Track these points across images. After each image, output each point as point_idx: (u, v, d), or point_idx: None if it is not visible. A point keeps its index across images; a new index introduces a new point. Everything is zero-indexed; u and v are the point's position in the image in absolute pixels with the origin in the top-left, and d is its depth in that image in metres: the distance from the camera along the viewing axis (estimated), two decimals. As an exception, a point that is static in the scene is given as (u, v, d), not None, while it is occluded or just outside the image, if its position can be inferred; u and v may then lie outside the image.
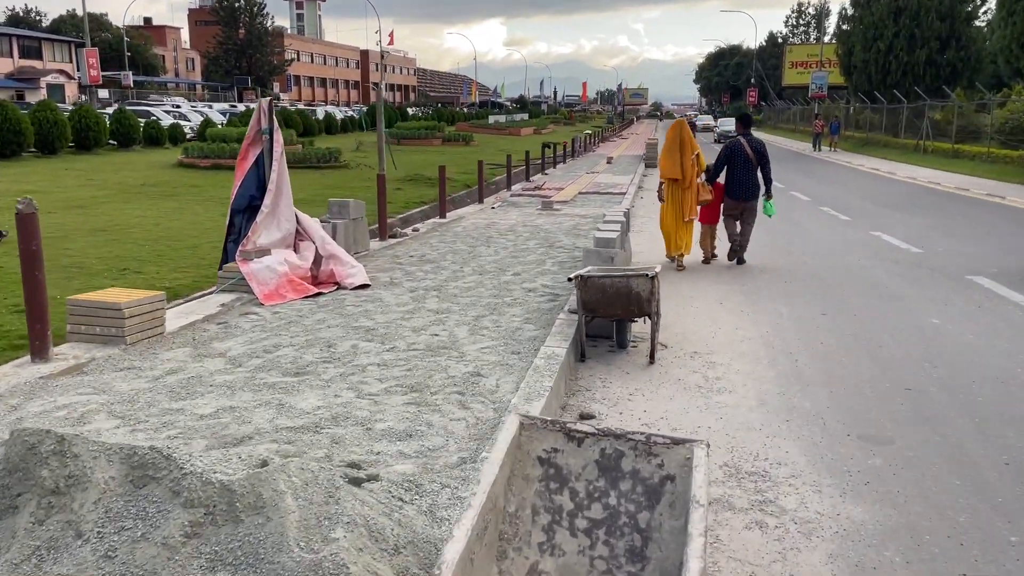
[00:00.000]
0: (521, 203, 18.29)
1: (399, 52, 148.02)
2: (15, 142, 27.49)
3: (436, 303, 7.72)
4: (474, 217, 15.67)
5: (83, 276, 9.10)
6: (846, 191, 21.98)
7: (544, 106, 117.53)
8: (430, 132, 45.22)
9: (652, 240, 12.67)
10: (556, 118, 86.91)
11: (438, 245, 11.71)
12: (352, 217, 10.22)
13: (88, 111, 32.12)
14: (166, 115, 42.81)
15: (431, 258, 10.48)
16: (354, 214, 10.29)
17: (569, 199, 18.62)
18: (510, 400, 4.76)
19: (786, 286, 9.35)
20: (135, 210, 15.77)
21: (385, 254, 10.72)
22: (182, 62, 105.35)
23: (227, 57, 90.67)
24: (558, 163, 32.15)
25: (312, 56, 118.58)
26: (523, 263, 10.20)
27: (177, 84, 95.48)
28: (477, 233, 13.23)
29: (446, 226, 14.13)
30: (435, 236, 12.75)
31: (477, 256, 10.73)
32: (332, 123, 52.39)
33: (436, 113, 75.01)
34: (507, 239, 12.50)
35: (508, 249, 11.44)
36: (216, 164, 26.79)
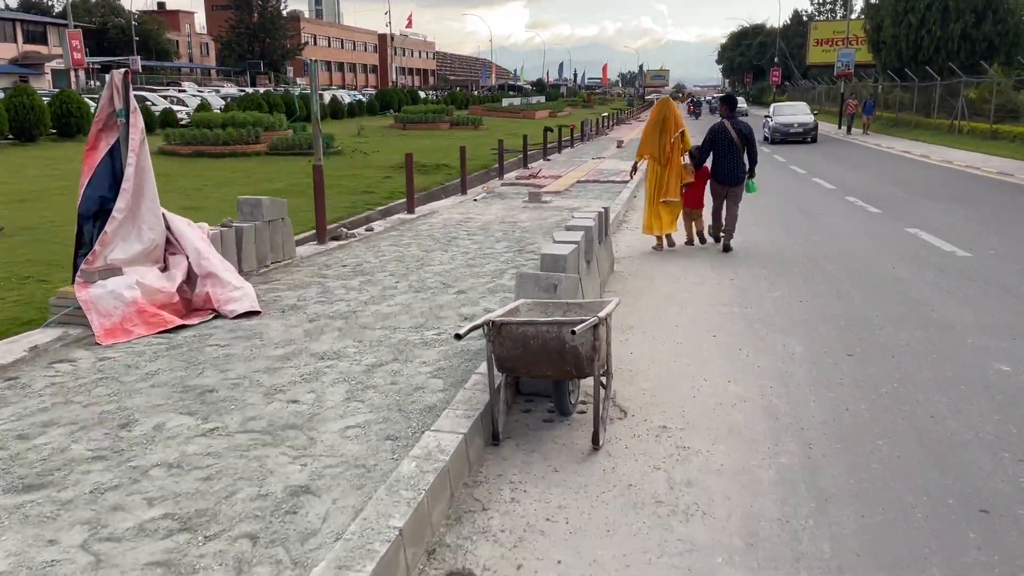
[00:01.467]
0: (510, 194, 16.33)
1: (418, 35, 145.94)
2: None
3: (331, 341, 5.82)
4: (449, 211, 13.75)
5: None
6: (875, 178, 19.76)
7: (563, 89, 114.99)
8: (438, 116, 43.29)
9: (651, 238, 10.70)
10: (574, 101, 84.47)
11: (387, 250, 9.81)
12: (267, 219, 8.34)
13: (70, 96, 30.51)
14: (163, 100, 41.23)
15: (367, 269, 8.58)
16: (271, 214, 8.40)
17: (563, 189, 16.61)
18: (322, 557, 2.85)
19: (801, 309, 7.34)
20: None
21: (313, 263, 8.84)
22: (196, 47, 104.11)
23: (240, 42, 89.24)
24: (565, 148, 30.09)
25: (329, 40, 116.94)
26: (477, 275, 8.28)
27: (191, 69, 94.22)
28: (442, 233, 11.31)
29: (410, 224, 12.22)
30: (389, 237, 10.85)
31: (426, 265, 8.82)
32: (338, 107, 50.61)
33: (450, 96, 73.07)
34: (474, 240, 10.58)
35: (469, 254, 9.52)
36: (198, 151, 25.10)
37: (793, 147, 31.07)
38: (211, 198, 16.12)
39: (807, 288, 8.06)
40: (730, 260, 9.57)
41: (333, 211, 14.61)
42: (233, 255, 7.69)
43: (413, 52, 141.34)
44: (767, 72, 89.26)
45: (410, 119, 42.85)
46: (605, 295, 7.78)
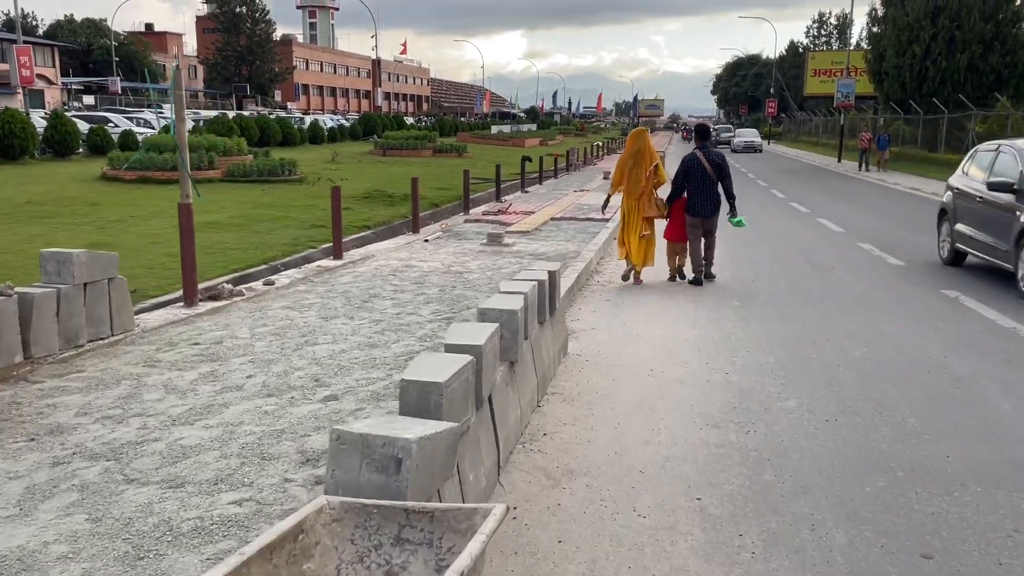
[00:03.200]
0: (470, 233, 14.02)
1: (412, 61, 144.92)
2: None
3: (49, 516, 3.45)
4: (388, 256, 11.41)
5: None
6: (886, 219, 17.52)
7: (557, 117, 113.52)
8: (420, 143, 41.22)
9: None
10: (567, 129, 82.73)
11: (274, 316, 7.45)
12: (81, 281, 5.98)
13: (13, 115, 28.27)
14: (127, 121, 39.07)
15: (223, 351, 6.20)
16: (88, 275, 6.04)
17: (531, 229, 14.31)
18: None
19: (831, 439, 4.97)
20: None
21: (156, 340, 6.46)
22: (184, 70, 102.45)
23: (227, 64, 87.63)
24: (548, 178, 27.90)
25: (322, 65, 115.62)
26: (373, 362, 5.92)
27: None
28: (364, 288, 8.96)
29: (329, 274, 9.87)
30: (290, 295, 8.49)
31: (312, 343, 6.47)
32: (318, 132, 48.58)
33: (438, 122, 71.18)
34: (398, 300, 8.24)
35: (380, 324, 7.16)
36: (144, 177, 22.82)
37: (790, 181, 28.90)
38: (130, 232, 13.76)
39: (834, 397, 5.68)
40: (727, 341, 7.23)
41: (270, 249, 12.33)
42: (10, 336, 5.32)
43: (407, 78, 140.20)
44: (763, 103, 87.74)
45: (391, 145, 40.79)
46: (543, 406, 5.43)
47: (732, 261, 11.72)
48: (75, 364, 5.69)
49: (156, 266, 10.67)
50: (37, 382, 5.27)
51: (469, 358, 3.55)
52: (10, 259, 10.56)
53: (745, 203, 20.71)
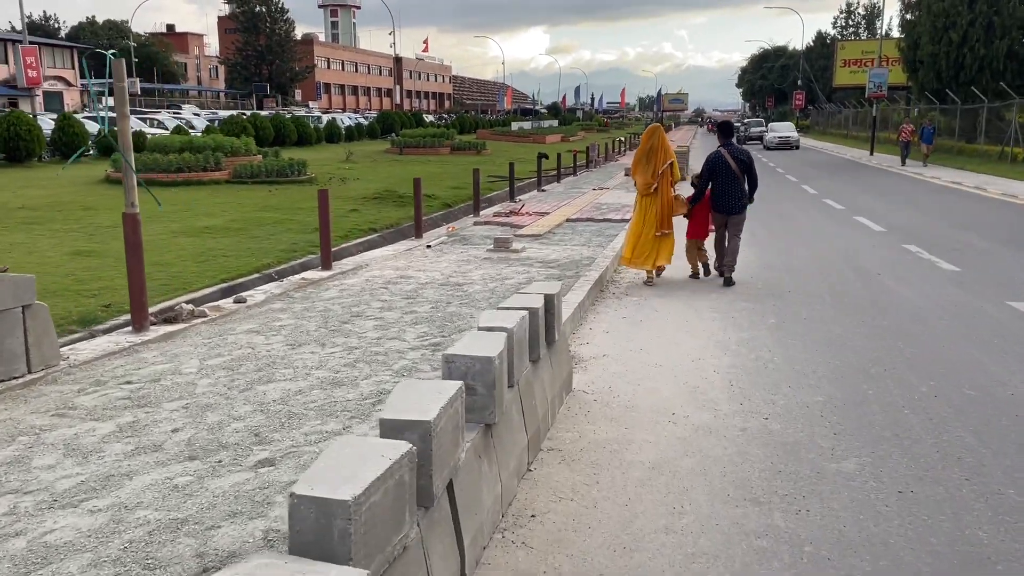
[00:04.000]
0: (478, 237, 12.94)
1: (434, 59, 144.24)
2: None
3: None
4: (384, 264, 10.35)
5: None
6: (930, 217, 16.18)
7: (580, 113, 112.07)
8: (437, 140, 40.23)
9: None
10: (590, 125, 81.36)
11: (234, 343, 6.41)
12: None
13: (19, 117, 27.62)
14: (139, 123, 38.46)
15: (158, 392, 5.16)
16: (1, 302, 5.04)
17: (544, 232, 13.20)
18: None
19: (876, 508, 3.84)
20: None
21: (83, 378, 5.44)
22: (205, 70, 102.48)
23: (247, 64, 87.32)
24: (567, 176, 26.75)
25: (343, 64, 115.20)
26: (332, 408, 4.86)
27: (199, 92, 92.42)
28: (348, 304, 7.90)
29: (313, 288, 8.83)
30: (262, 315, 7.45)
31: (268, 379, 5.42)
32: (335, 131, 47.78)
33: (458, 120, 70.16)
34: (383, 320, 7.18)
35: (355, 352, 6.10)
36: (147, 179, 21.90)
37: (822, 176, 27.48)
38: (120, 239, 12.74)
39: (904, 454, 4.51)
40: (763, 372, 6.08)
41: (267, 256, 11.38)
42: None
43: (429, 76, 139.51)
44: (789, 96, 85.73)
45: (407, 144, 39.86)
46: (535, 469, 4.32)
47: (767, 268, 10.53)
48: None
49: None
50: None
51: (405, 448, 2.45)
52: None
53: (775, 200, 19.49)
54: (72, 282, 9.54)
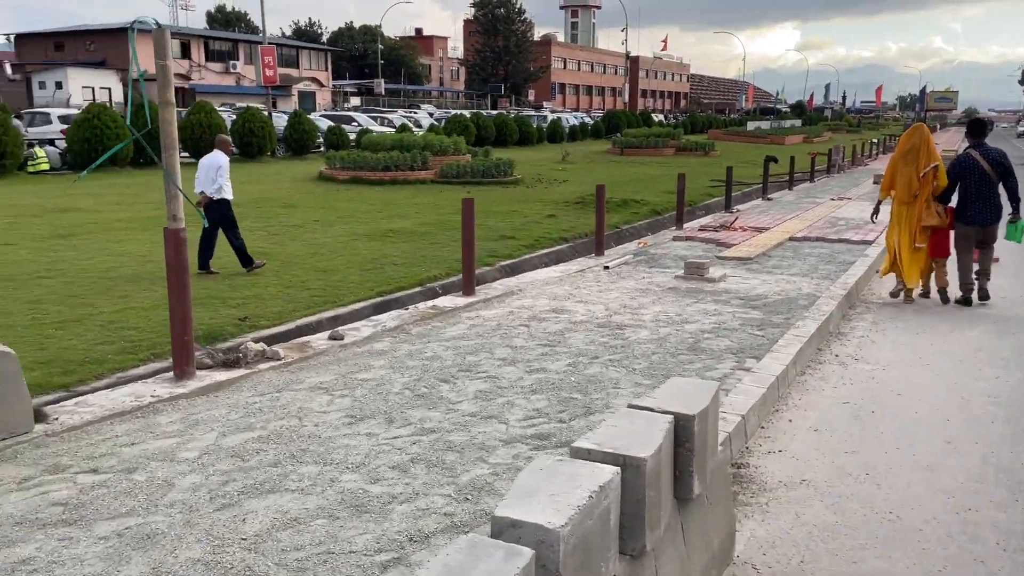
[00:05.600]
0: (668, 257, 10.64)
1: (672, 57, 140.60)
2: (156, 148, 24.38)
3: None
4: (541, 290, 8.41)
5: None
6: None
7: (828, 112, 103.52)
8: (661, 140, 37.80)
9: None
10: (838, 125, 74.36)
11: (282, 407, 4.79)
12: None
13: (253, 115, 28.83)
14: (370, 121, 39.60)
15: (100, 503, 3.58)
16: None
17: (756, 254, 10.61)
18: None
19: None
20: (130, 244, 10.63)
21: (27, 461, 4.00)
22: (447, 71, 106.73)
23: (484, 65, 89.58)
24: (802, 182, 23.32)
25: (579, 64, 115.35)
26: (328, 560, 3.00)
27: (440, 92, 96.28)
28: (463, 350, 6.06)
29: (442, 319, 7.08)
30: (343, 362, 5.79)
31: (280, 482, 3.71)
32: (557, 131, 46.72)
33: (689, 119, 66.83)
34: (498, 379, 5.27)
35: (426, 439, 4.25)
36: (356, 177, 21.72)
37: None
38: (299, 240, 12.04)
39: None
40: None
41: (439, 265, 10.01)
42: None
43: (665, 75, 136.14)
44: (1091, 92, 72.99)
45: (629, 144, 37.76)
46: None
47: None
48: None
49: (295, 283, 8.69)
50: None
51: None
52: (153, 268, 9.10)
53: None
54: (226, 288, 8.56)
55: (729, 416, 4.54)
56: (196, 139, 25.80)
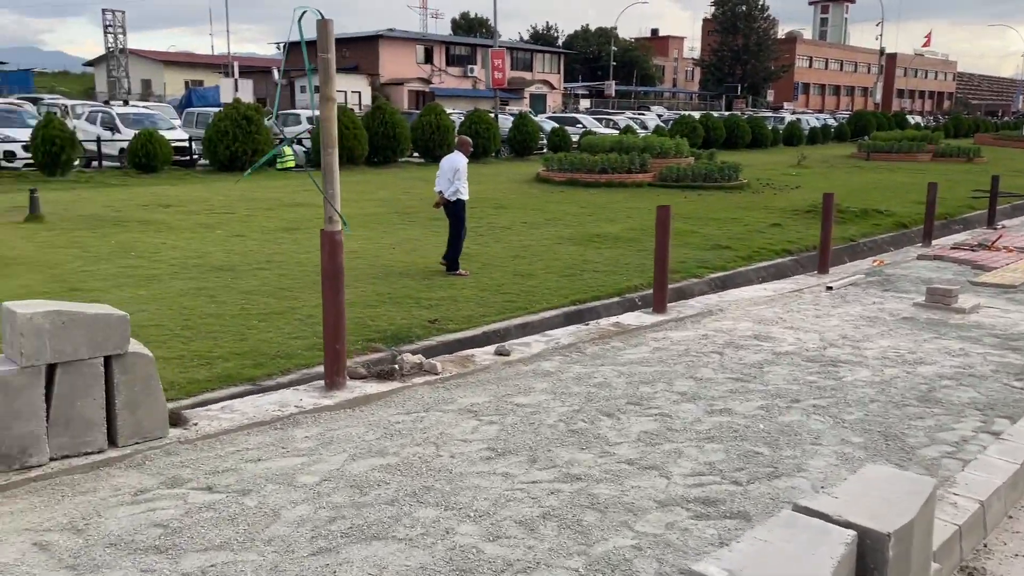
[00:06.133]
0: (908, 280, 9.15)
1: (936, 54, 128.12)
2: (389, 148, 25.66)
3: None
4: (744, 311, 7.43)
5: None
6: None
7: None
8: (915, 145, 34.23)
9: None
10: None
11: (425, 431, 4.36)
12: (52, 360, 3.60)
13: (480, 117, 29.43)
14: (595, 123, 39.31)
15: (196, 532, 3.29)
16: (64, 349, 3.64)
17: (1019, 283, 8.83)
18: None
19: None
20: (344, 239, 11.15)
21: (154, 470, 3.81)
22: (682, 72, 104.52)
23: (720, 65, 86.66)
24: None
25: (826, 62, 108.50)
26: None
27: (673, 94, 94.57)
28: (637, 379, 5.34)
29: (623, 339, 6.37)
30: (502, 383, 5.27)
31: (379, 533, 3.25)
32: (795, 133, 43.82)
33: (951, 121, 60.08)
34: (670, 418, 4.53)
35: (560, 495, 3.63)
36: (572, 179, 21.46)
37: None
38: (502, 242, 11.86)
39: None
40: None
41: (642, 275, 9.39)
42: None
43: (926, 73, 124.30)
44: None
45: (877, 148, 34.52)
46: None
47: None
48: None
49: (491, 287, 8.54)
50: None
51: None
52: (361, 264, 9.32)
53: None
54: (423, 288, 8.49)
55: (962, 502, 3.47)
56: (426, 140, 26.76)
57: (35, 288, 8.22)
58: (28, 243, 10.74)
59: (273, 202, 16.16)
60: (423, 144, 27.09)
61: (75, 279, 8.65)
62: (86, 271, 9.09)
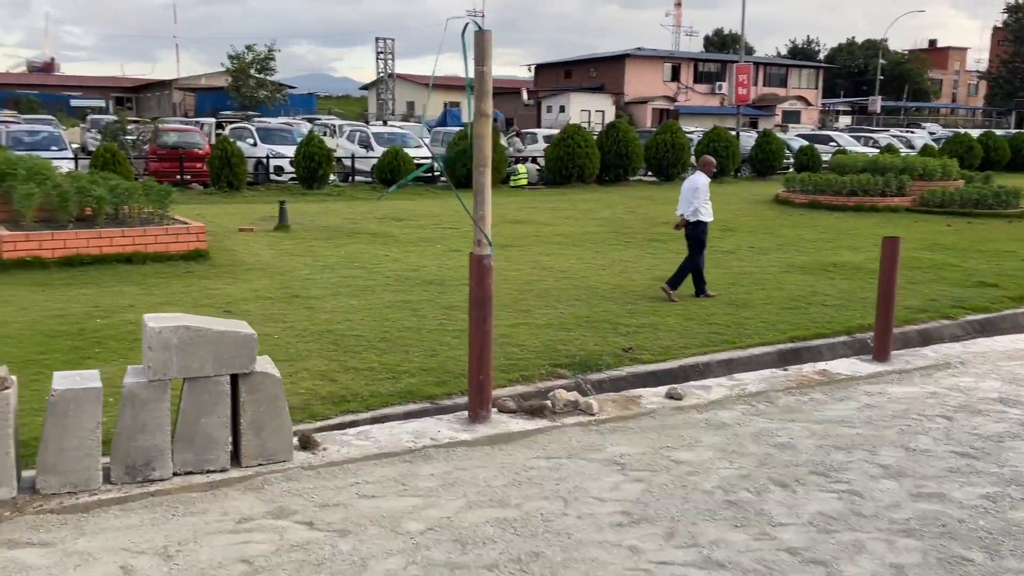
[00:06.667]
0: None
1: None
2: (621, 166, 25.41)
3: None
4: (992, 368, 6.14)
5: None
6: None
7: None
8: None
9: None
10: None
11: (596, 479, 3.88)
12: (179, 374, 3.61)
13: (719, 135, 28.15)
14: (850, 140, 36.31)
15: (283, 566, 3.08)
16: (191, 364, 3.63)
17: None
18: None
19: None
20: (557, 258, 11.07)
21: (268, 496, 3.64)
22: (963, 86, 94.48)
23: (1012, 78, 77.19)
24: None
25: None
26: None
27: (952, 109, 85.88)
28: (830, 445, 4.49)
29: (828, 390, 5.46)
30: (662, 432, 4.62)
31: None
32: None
33: None
34: (857, 496, 3.70)
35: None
36: (814, 201, 19.92)
37: None
38: (725, 267, 11.02)
39: None
40: None
41: (864, 311, 8.29)
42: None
43: None
44: None
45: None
46: None
47: None
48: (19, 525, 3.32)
49: (697, 316, 7.94)
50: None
51: None
52: (566, 285, 9.13)
53: None
54: (625, 313, 8.08)
55: None
56: (659, 158, 26.13)
57: (261, 292, 8.79)
58: (270, 250, 11.62)
59: (497, 219, 16.25)
60: (656, 162, 26.49)
61: (299, 286, 9.13)
62: (311, 279, 9.58)
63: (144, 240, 10.44)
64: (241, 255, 11.14)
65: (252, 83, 48.60)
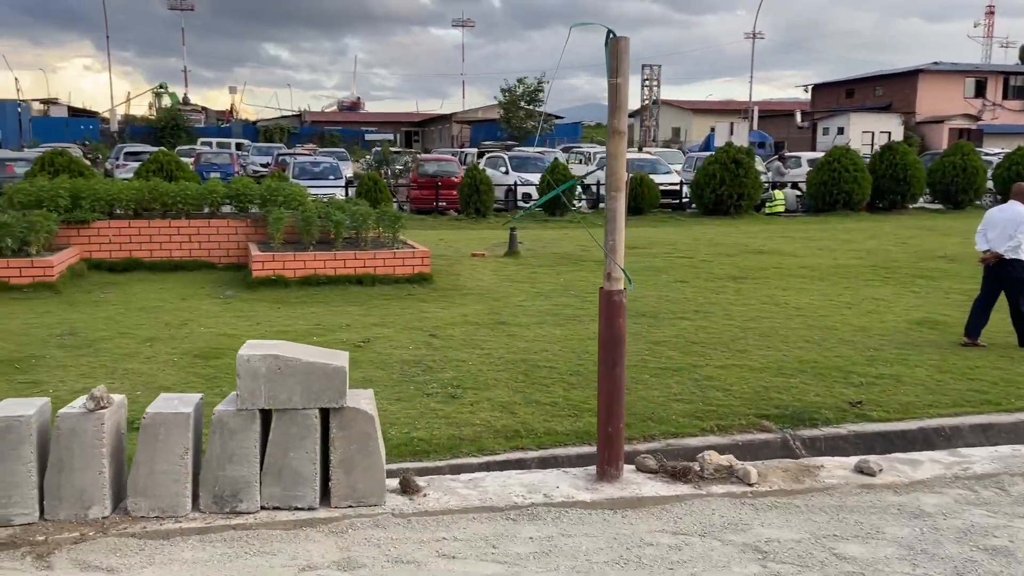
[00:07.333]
0: None
1: None
2: (897, 192, 22.84)
3: None
4: None
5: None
6: None
7: None
8: None
9: None
10: None
11: (726, 567, 3.21)
12: (266, 406, 3.48)
13: (964, 152, 24.01)
14: None
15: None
16: (279, 396, 3.47)
17: None
18: None
19: None
20: (795, 294, 10.19)
21: (346, 543, 3.36)
22: None
23: None
24: None
25: None
26: None
27: None
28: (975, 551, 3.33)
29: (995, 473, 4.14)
30: (882, 513, 3.69)
31: None
32: None
33: None
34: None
35: None
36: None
37: None
38: (890, 312, 9.43)
39: None
40: None
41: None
42: (87, 476, 3.36)
43: None
44: None
45: None
46: None
47: None
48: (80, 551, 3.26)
49: (955, 368, 6.82)
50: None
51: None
52: (797, 325, 8.26)
53: None
54: (863, 359, 7.07)
55: None
56: (946, 183, 23.14)
57: (471, 317, 8.78)
58: (493, 276, 11.70)
59: (739, 247, 15.24)
60: (942, 188, 23.47)
61: (508, 312, 9.02)
62: (522, 306, 9.44)
63: (374, 263, 10.94)
64: (464, 280, 11.30)
65: (521, 114, 50.69)
